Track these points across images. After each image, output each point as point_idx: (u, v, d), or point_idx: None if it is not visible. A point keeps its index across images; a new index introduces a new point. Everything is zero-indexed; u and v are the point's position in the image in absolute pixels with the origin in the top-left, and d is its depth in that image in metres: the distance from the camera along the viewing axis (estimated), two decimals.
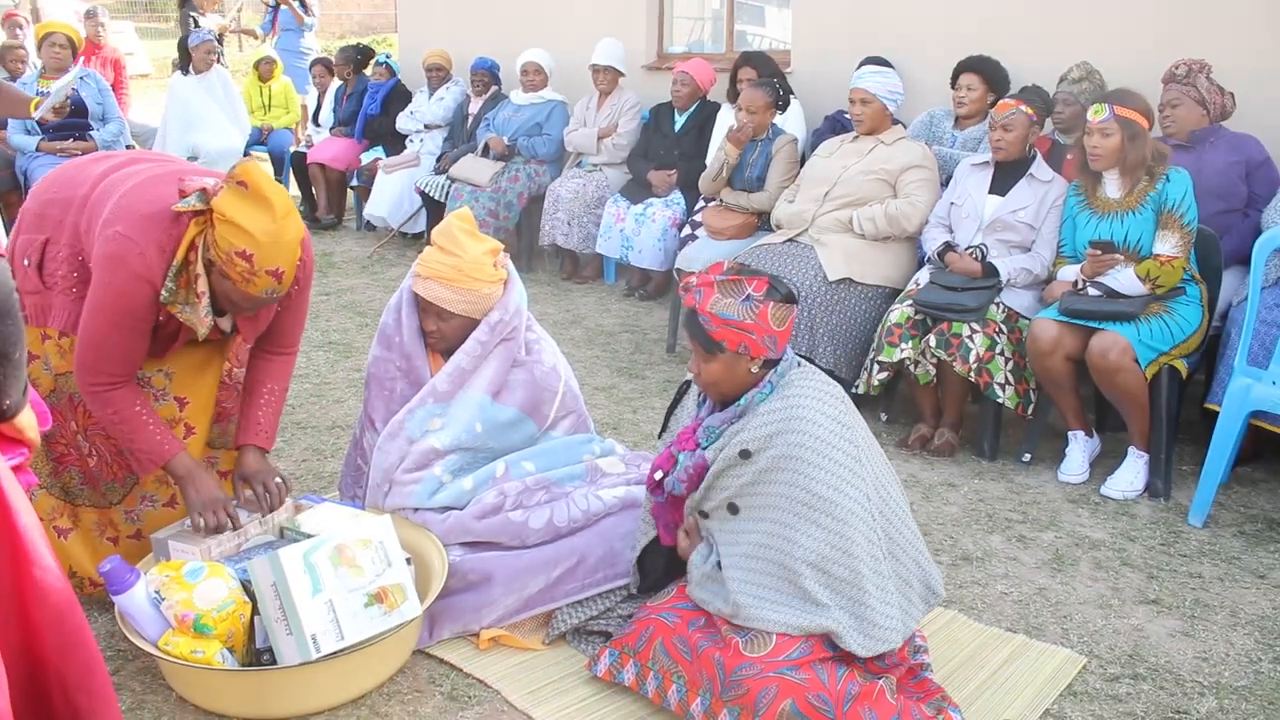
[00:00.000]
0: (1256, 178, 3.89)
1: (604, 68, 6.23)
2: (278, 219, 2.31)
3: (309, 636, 2.20)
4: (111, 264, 2.35)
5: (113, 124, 6.80)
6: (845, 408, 2.30)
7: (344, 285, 6.20)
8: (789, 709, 2.11)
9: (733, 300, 2.24)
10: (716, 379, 2.32)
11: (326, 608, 2.24)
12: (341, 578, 2.27)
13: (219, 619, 2.26)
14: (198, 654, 2.23)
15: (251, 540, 2.61)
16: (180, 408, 2.72)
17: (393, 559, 2.37)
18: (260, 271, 2.32)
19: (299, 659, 2.22)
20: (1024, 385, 3.66)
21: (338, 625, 2.24)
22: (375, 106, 7.50)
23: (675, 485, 2.37)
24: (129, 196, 2.42)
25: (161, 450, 2.51)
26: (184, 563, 2.37)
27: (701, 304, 2.26)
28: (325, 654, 2.23)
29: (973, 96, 4.62)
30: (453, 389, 2.78)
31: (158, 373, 2.67)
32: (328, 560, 2.27)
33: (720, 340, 2.25)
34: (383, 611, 2.31)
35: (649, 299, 5.92)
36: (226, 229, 2.30)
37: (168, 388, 2.69)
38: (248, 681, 2.29)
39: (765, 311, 2.24)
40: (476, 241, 2.80)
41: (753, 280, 2.25)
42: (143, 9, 19.31)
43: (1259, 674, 2.53)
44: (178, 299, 2.41)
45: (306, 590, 2.22)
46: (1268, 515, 3.37)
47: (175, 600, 2.27)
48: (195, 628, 2.24)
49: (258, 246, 2.29)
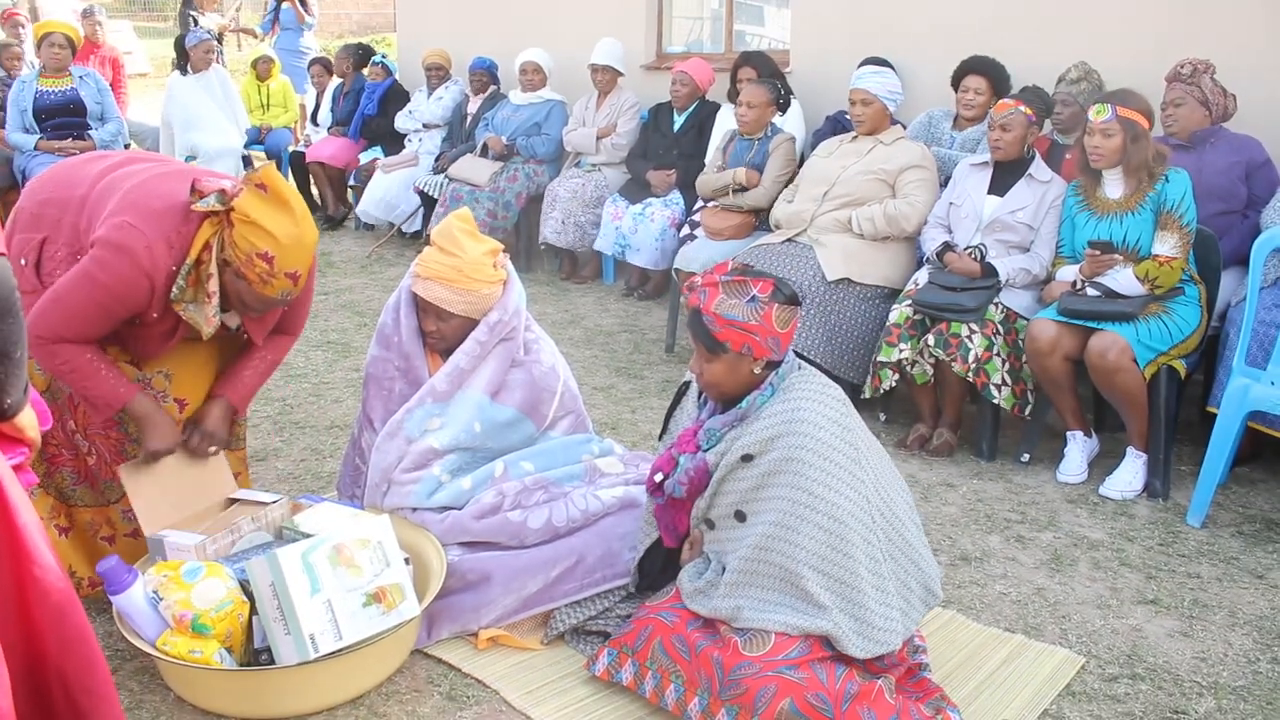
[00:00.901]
0: (1256, 179, 3.89)
1: (602, 67, 6.23)
2: (299, 222, 2.36)
3: (307, 636, 2.20)
4: (115, 250, 2.35)
5: (111, 123, 6.80)
6: (845, 410, 2.30)
7: (342, 285, 6.19)
8: (787, 708, 2.11)
9: (737, 301, 2.24)
10: (719, 379, 2.31)
11: (325, 607, 2.23)
12: (340, 577, 2.27)
13: (217, 619, 2.26)
14: (196, 654, 2.23)
15: (248, 539, 2.61)
16: (180, 409, 2.72)
17: (391, 559, 2.37)
18: (279, 273, 2.36)
19: (297, 659, 2.22)
20: (1021, 386, 3.66)
21: (336, 625, 2.24)
22: (372, 107, 7.50)
23: (676, 488, 2.37)
24: (137, 191, 2.43)
25: (118, 394, 2.48)
26: (182, 562, 2.36)
27: (706, 304, 2.26)
28: (324, 654, 2.22)
29: (980, 100, 4.60)
30: (451, 389, 2.78)
31: (157, 374, 2.67)
32: (326, 560, 2.27)
33: (724, 341, 2.25)
34: (381, 611, 2.31)
35: (648, 299, 5.92)
36: (249, 230, 2.32)
37: (167, 389, 2.69)
38: (246, 681, 2.29)
39: (770, 313, 2.24)
40: (476, 242, 2.79)
41: (758, 281, 2.25)
42: (141, 8, 19.31)
43: (1257, 674, 2.53)
44: (186, 297, 2.41)
45: (305, 590, 2.22)
46: (1266, 515, 3.37)
47: (173, 600, 2.26)
48: (193, 627, 2.24)
49: (280, 249, 2.33)
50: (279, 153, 8.11)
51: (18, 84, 6.70)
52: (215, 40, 8.58)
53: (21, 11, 9.77)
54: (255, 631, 2.33)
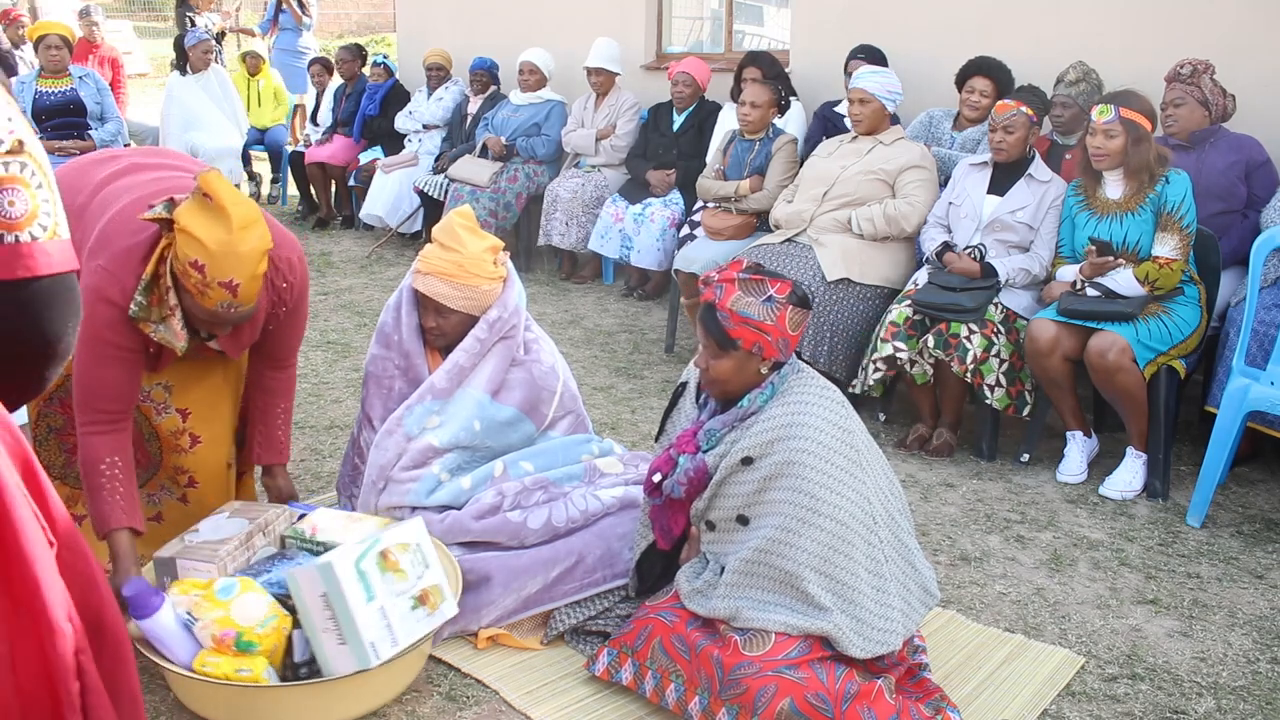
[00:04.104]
0: (1256, 179, 3.89)
1: (597, 69, 6.23)
2: (233, 230, 2.25)
3: (368, 644, 2.17)
4: (91, 297, 2.30)
5: (111, 123, 6.79)
6: (846, 412, 2.30)
7: (342, 285, 6.19)
8: (787, 708, 2.11)
9: (754, 299, 2.23)
10: (725, 377, 2.30)
11: (379, 614, 2.21)
12: (388, 583, 2.24)
13: (264, 635, 2.19)
14: (243, 672, 2.15)
15: (260, 553, 2.56)
16: (184, 419, 2.70)
17: (429, 560, 2.36)
18: (213, 283, 2.27)
19: (356, 668, 2.18)
20: (1017, 386, 3.66)
21: (391, 631, 2.22)
22: (374, 107, 7.49)
23: (675, 488, 2.36)
24: (115, 222, 2.39)
25: (107, 520, 2.41)
26: (211, 581, 2.29)
27: (721, 300, 2.25)
28: (383, 660, 2.20)
29: (985, 102, 4.56)
30: (451, 386, 2.78)
31: (156, 386, 2.65)
32: (375, 567, 2.24)
33: (736, 338, 2.24)
34: (426, 613, 2.30)
35: (647, 299, 5.92)
36: (183, 239, 2.25)
37: (168, 400, 2.68)
38: (310, 695, 2.23)
39: (784, 315, 2.24)
40: (477, 238, 2.80)
41: (775, 282, 2.24)
42: (141, 7, 19.29)
43: (1257, 674, 2.53)
44: (151, 316, 2.36)
45: (361, 598, 2.18)
46: (1266, 515, 3.37)
47: (211, 619, 2.18)
48: (237, 645, 2.16)
49: (210, 257, 2.24)
50: (278, 150, 8.12)
51: (17, 84, 6.70)
52: (214, 40, 8.58)
53: (23, 13, 9.76)
54: (295, 645, 2.27)
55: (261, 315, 2.55)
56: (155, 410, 2.67)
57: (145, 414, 2.69)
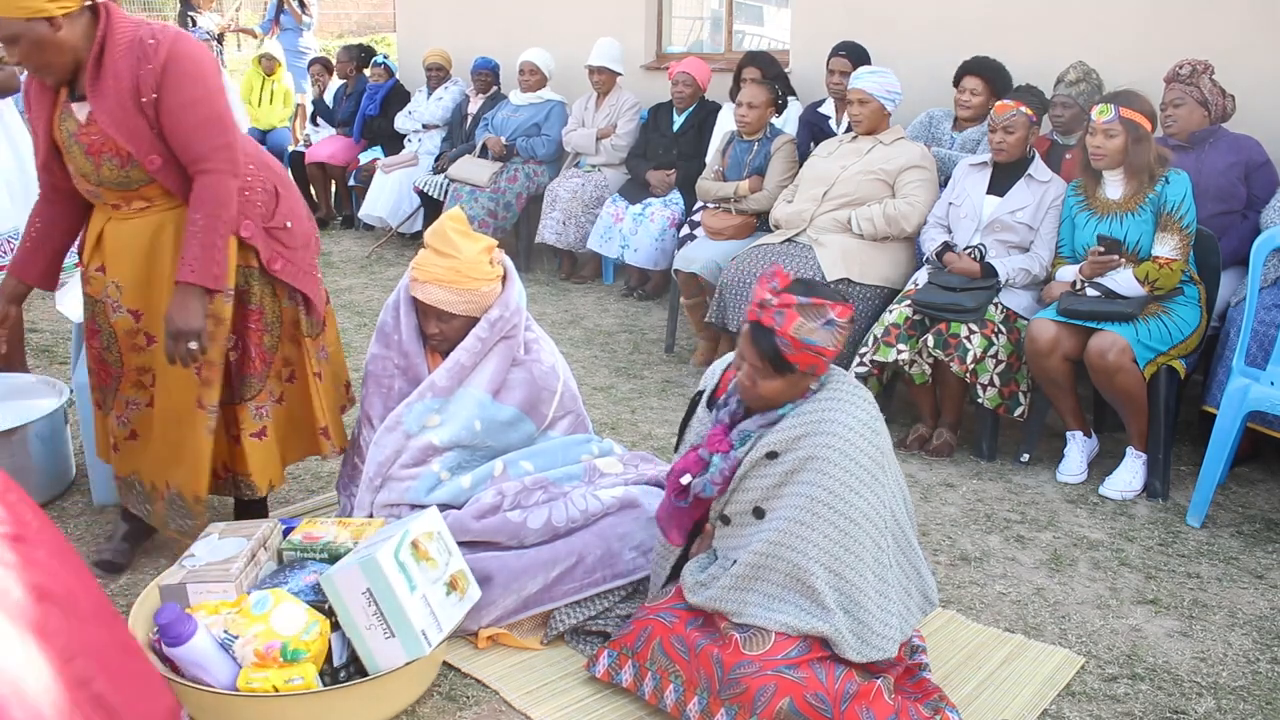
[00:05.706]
0: (1256, 179, 3.89)
1: (599, 68, 6.23)
2: None
3: (420, 633, 2.21)
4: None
5: None
6: (874, 413, 2.30)
7: (342, 285, 6.19)
8: (787, 707, 2.11)
9: (815, 325, 2.20)
10: (774, 395, 2.28)
11: (423, 602, 2.25)
12: (424, 571, 2.29)
13: (310, 640, 2.18)
14: (295, 681, 2.13)
15: (264, 569, 2.53)
16: (136, 319, 2.73)
17: (451, 547, 2.40)
18: None
19: (407, 658, 2.21)
20: (1012, 387, 3.66)
21: (435, 618, 2.27)
22: (374, 107, 7.50)
23: (708, 487, 2.32)
24: None
25: (11, 265, 2.74)
26: (242, 597, 2.27)
27: (783, 327, 2.20)
28: (434, 647, 2.24)
29: (976, 101, 4.59)
30: (452, 385, 2.78)
31: (110, 284, 2.71)
32: (410, 557, 2.27)
33: (794, 363, 2.22)
34: (458, 598, 2.35)
35: (647, 299, 5.92)
36: None
37: (120, 300, 2.72)
38: (366, 693, 2.22)
39: (843, 337, 2.25)
40: (471, 241, 2.79)
41: (836, 306, 2.22)
42: (141, 8, 19.28)
43: (1257, 674, 2.53)
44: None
45: (405, 589, 2.21)
46: (1265, 515, 3.37)
47: (252, 635, 2.16)
48: (284, 655, 2.14)
49: None
50: (281, 151, 8.12)
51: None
52: (215, 40, 8.58)
53: None
54: (334, 649, 2.26)
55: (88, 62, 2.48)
56: (111, 308, 2.73)
57: (105, 312, 2.75)
